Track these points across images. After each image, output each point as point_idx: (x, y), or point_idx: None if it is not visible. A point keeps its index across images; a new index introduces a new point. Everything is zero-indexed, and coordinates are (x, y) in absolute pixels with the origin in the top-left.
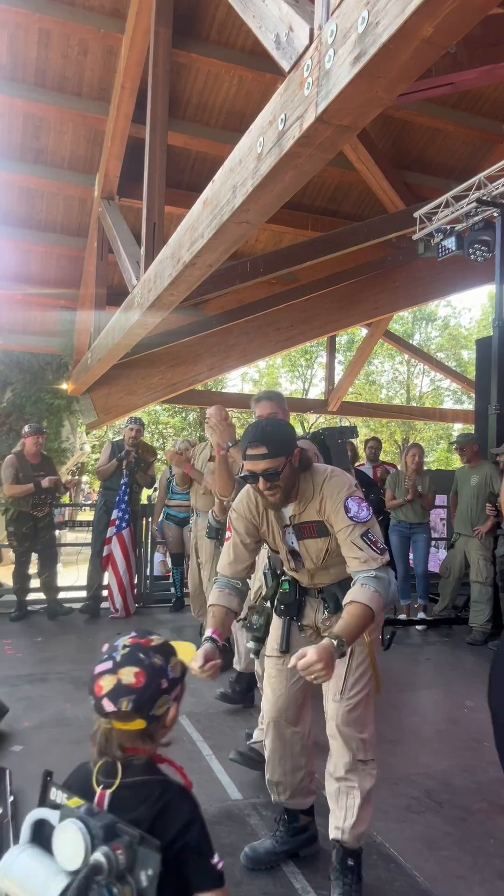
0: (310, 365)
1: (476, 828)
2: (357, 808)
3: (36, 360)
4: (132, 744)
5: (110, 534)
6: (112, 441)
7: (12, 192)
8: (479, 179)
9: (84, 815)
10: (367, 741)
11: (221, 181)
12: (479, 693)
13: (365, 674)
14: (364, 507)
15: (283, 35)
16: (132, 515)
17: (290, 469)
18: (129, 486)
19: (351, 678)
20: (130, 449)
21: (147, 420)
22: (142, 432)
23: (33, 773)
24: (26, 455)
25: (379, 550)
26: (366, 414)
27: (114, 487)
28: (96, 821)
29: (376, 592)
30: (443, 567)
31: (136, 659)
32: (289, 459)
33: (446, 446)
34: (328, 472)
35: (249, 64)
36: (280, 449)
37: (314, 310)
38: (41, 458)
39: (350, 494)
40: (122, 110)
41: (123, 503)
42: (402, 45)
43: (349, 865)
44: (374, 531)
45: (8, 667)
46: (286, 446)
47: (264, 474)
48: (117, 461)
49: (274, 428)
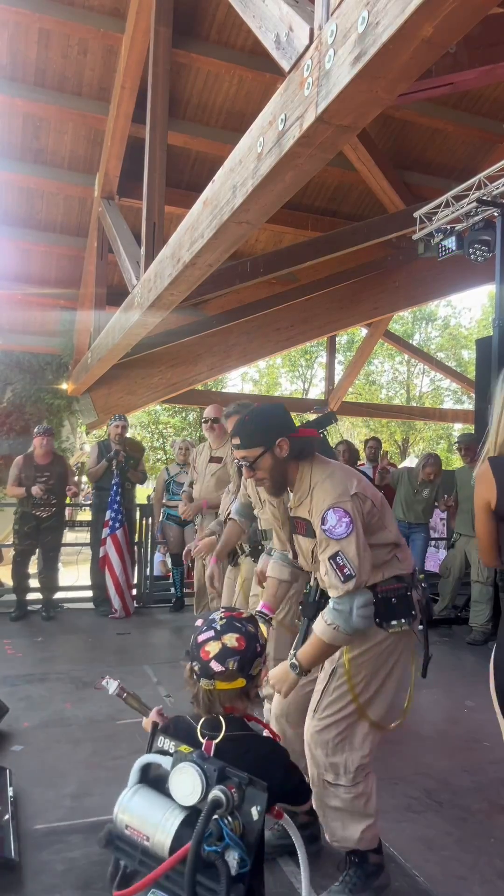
0: (310, 365)
1: (476, 828)
2: (327, 821)
3: (36, 360)
4: (231, 703)
5: (104, 534)
6: (98, 442)
7: (12, 192)
8: (479, 179)
9: (197, 759)
10: (340, 765)
11: (221, 181)
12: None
13: (341, 698)
14: (345, 521)
15: (283, 35)
16: (128, 513)
17: (272, 459)
18: (120, 486)
19: (326, 699)
20: (118, 448)
21: (147, 420)
22: (126, 429)
23: (33, 772)
24: (35, 456)
25: (343, 578)
26: (366, 414)
27: (106, 487)
28: (209, 764)
29: (331, 625)
30: (442, 567)
31: (234, 627)
32: (267, 450)
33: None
34: (327, 473)
35: (249, 64)
36: (253, 440)
37: (314, 310)
38: (52, 459)
39: (334, 504)
40: (122, 110)
41: (116, 503)
42: (402, 46)
43: (351, 860)
44: (345, 553)
45: (8, 667)
46: (262, 437)
47: (243, 463)
48: (107, 461)
49: (252, 418)
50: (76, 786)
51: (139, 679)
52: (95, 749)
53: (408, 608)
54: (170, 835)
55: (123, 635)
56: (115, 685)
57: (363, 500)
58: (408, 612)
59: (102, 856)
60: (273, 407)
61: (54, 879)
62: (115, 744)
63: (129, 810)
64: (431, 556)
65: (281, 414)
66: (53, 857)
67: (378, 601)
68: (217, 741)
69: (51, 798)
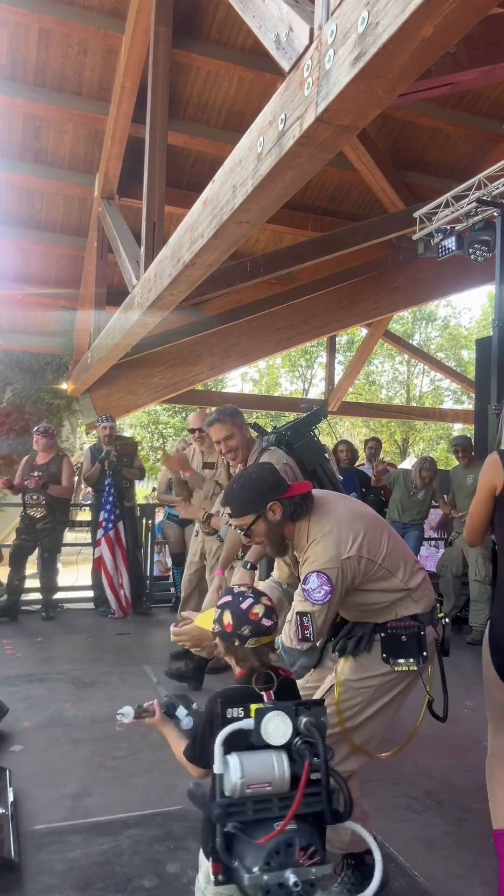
0: (310, 365)
1: (476, 828)
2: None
3: (36, 360)
4: (267, 655)
5: (98, 535)
6: (90, 446)
7: (12, 192)
8: (479, 179)
9: (275, 707)
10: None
11: (221, 181)
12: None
13: (329, 717)
14: (325, 589)
15: (283, 35)
16: (126, 512)
17: (266, 525)
18: (113, 486)
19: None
20: (109, 448)
21: (147, 420)
22: (115, 429)
23: (33, 772)
24: (36, 456)
25: (301, 637)
26: (366, 414)
27: (101, 489)
28: (283, 706)
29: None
30: (439, 565)
31: (260, 594)
32: (259, 516)
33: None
34: (324, 532)
35: (249, 64)
36: (244, 508)
37: (314, 310)
38: (51, 458)
39: (321, 569)
40: (122, 110)
41: (109, 504)
42: (402, 46)
43: (347, 862)
44: (313, 617)
45: (8, 667)
46: (250, 505)
47: (239, 530)
48: (99, 464)
49: (241, 486)
50: (76, 786)
51: (139, 679)
52: (95, 749)
53: (418, 648)
54: (286, 770)
55: (123, 635)
56: (130, 713)
57: (358, 561)
58: (418, 653)
59: (102, 856)
60: (260, 469)
61: (54, 879)
62: (115, 744)
63: (246, 772)
64: (432, 556)
65: (269, 477)
66: (53, 857)
67: (387, 636)
68: (274, 689)
69: (51, 798)
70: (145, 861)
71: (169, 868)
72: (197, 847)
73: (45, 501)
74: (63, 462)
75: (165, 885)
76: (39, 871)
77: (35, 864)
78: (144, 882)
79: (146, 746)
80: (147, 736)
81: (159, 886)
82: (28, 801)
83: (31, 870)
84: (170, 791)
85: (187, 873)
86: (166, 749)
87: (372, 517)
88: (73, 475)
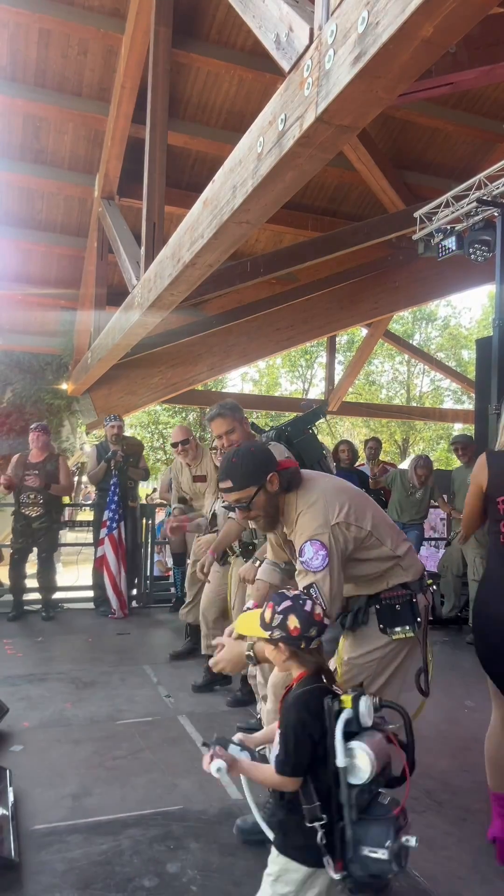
0: (310, 365)
1: (476, 828)
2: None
3: (36, 360)
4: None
5: (102, 535)
6: (96, 445)
7: (12, 192)
8: (479, 179)
9: (355, 692)
10: None
11: (221, 181)
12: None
13: None
14: (321, 554)
15: (283, 35)
16: (129, 512)
17: (266, 496)
18: (118, 486)
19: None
20: (116, 448)
21: (147, 420)
22: (122, 429)
23: (33, 772)
24: (30, 454)
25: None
26: (366, 414)
27: (106, 488)
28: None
29: None
30: (440, 565)
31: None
32: (261, 488)
33: (446, 446)
34: (310, 502)
35: (249, 64)
36: (246, 480)
37: (314, 310)
38: (45, 457)
39: (312, 536)
40: (122, 110)
41: (113, 503)
42: (402, 46)
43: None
44: (319, 587)
45: (8, 667)
46: (253, 476)
47: (237, 505)
48: (105, 463)
49: (240, 458)
50: (76, 786)
51: (139, 679)
52: (95, 749)
53: (412, 615)
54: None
55: (123, 635)
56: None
57: (347, 528)
58: (412, 619)
59: (102, 856)
60: (254, 444)
61: (54, 879)
62: (115, 744)
63: (372, 751)
64: (433, 556)
65: (265, 450)
66: (53, 857)
67: (382, 607)
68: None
69: (51, 798)
70: (145, 861)
71: (169, 868)
72: (197, 847)
73: (42, 500)
74: (60, 461)
75: (165, 885)
76: (39, 871)
77: (35, 864)
78: (144, 882)
79: (146, 746)
80: (147, 736)
81: (159, 886)
82: (28, 801)
83: (31, 870)
84: (170, 791)
85: (187, 873)
86: (166, 749)
87: (355, 491)
88: (70, 474)
